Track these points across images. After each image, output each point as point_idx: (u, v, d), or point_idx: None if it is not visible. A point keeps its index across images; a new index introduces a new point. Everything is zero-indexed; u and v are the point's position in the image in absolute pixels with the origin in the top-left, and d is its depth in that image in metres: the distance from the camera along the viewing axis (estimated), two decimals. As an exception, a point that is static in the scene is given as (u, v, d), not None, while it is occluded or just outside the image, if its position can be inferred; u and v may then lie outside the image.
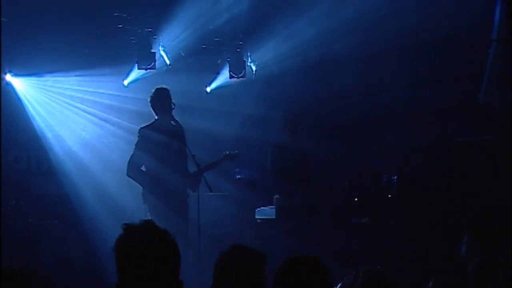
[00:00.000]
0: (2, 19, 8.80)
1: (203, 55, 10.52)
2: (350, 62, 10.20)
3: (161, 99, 7.83)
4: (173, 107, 7.84)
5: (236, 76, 10.70)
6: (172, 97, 7.87)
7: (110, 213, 9.52)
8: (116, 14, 9.48)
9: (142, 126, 7.90)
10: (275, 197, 8.56)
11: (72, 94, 10.37)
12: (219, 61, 10.90)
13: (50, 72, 10.08)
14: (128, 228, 2.95)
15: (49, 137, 10.19)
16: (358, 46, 9.87)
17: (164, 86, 7.92)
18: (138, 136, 7.81)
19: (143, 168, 7.77)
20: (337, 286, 4.74)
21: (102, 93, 10.40)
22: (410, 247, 8.13)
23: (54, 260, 9.20)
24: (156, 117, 7.86)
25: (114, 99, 10.44)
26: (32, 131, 10.13)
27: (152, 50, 10.01)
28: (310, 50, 10.01)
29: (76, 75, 10.16)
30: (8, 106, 9.71)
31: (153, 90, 7.91)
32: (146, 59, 9.96)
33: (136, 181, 7.78)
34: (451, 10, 8.73)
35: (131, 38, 9.98)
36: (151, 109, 7.88)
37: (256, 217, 8.81)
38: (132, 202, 8.48)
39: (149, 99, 7.89)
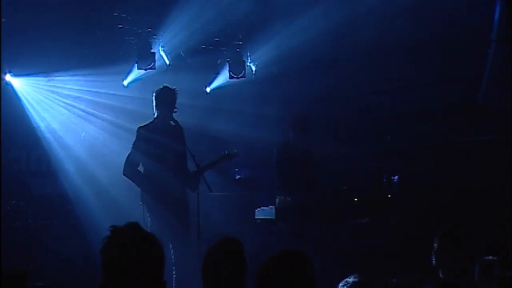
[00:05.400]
0: (2, 19, 8.80)
1: (203, 55, 10.52)
2: (349, 62, 10.21)
3: (166, 98, 7.80)
4: (175, 110, 7.82)
5: (236, 76, 10.69)
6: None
7: (109, 213, 9.52)
8: (116, 14, 9.48)
9: (140, 125, 7.89)
10: (278, 197, 8.54)
11: (71, 94, 10.38)
12: (219, 61, 10.90)
13: (49, 72, 10.08)
14: (114, 230, 3.02)
15: (48, 137, 10.20)
16: (358, 46, 9.88)
17: (172, 86, 7.89)
18: (136, 135, 7.80)
19: (140, 168, 7.75)
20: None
21: (102, 93, 10.40)
22: (410, 247, 8.12)
23: (54, 260, 9.21)
24: (155, 116, 7.84)
25: (113, 99, 10.44)
26: (32, 131, 10.15)
27: (152, 50, 10.00)
28: (310, 50, 10.01)
29: (76, 75, 10.17)
30: (8, 106, 9.72)
31: (160, 87, 7.87)
32: (146, 59, 9.95)
33: (132, 181, 7.76)
34: (451, 10, 8.74)
35: (131, 38, 9.98)
36: (153, 105, 7.83)
37: (256, 217, 8.80)
38: (131, 202, 8.48)
39: (154, 95, 7.83)
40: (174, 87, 7.92)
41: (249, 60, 10.84)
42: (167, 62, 10.24)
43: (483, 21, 7.90)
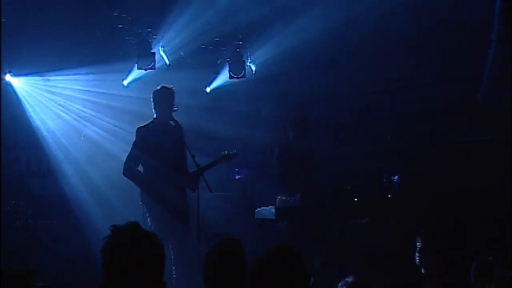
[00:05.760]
0: (2, 19, 8.80)
1: (203, 55, 10.52)
2: (349, 62, 10.21)
3: (163, 98, 7.80)
4: (175, 109, 7.82)
5: (236, 76, 10.69)
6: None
7: (109, 213, 9.53)
8: (116, 14, 9.48)
9: (139, 125, 7.89)
10: (278, 197, 8.54)
11: (71, 94, 10.38)
12: (219, 61, 10.90)
13: (49, 72, 10.08)
14: (115, 230, 3.03)
15: (48, 138, 10.19)
16: (358, 46, 9.88)
17: (169, 86, 7.89)
18: (136, 136, 7.80)
19: (140, 168, 7.75)
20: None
21: (102, 93, 10.40)
22: (410, 247, 8.11)
23: (54, 260, 9.21)
24: (155, 116, 7.84)
25: (113, 99, 10.44)
26: (32, 131, 10.15)
27: (152, 50, 10.00)
28: (310, 50, 10.01)
29: (76, 75, 10.16)
30: (8, 106, 9.72)
31: (158, 87, 7.88)
32: (146, 59, 9.95)
33: (132, 181, 7.75)
34: (451, 10, 8.74)
35: (131, 38, 9.98)
36: (152, 106, 7.84)
37: (256, 217, 8.80)
38: (130, 203, 8.48)
39: (152, 96, 7.85)
40: (172, 86, 7.91)
41: (249, 60, 10.84)
42: (167, 62, 10.24)
43: (483, 21, 7.90)
